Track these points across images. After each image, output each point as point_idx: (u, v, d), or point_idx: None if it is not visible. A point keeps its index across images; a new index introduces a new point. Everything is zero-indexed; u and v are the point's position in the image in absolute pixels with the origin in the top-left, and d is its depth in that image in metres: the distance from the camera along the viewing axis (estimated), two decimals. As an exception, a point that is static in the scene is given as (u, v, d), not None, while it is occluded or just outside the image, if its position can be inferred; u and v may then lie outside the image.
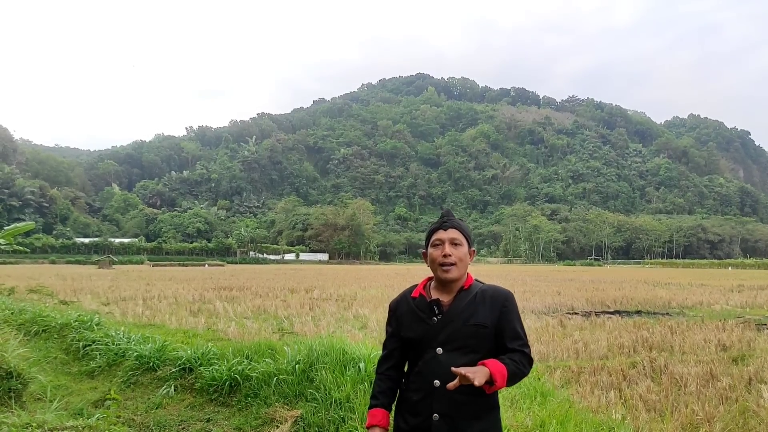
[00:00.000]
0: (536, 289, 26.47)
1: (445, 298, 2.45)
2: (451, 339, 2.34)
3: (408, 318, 2.49)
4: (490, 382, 2.18)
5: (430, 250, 2.51)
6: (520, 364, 2.30)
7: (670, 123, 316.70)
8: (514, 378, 2.28)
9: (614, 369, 8.16)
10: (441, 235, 2.48)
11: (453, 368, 2.16)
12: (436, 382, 2.32)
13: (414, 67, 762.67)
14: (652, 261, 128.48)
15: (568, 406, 5.19)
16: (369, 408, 2.55)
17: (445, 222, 2.50)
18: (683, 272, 64.75)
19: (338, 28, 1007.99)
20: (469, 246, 2.51)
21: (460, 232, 2.48)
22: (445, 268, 2.41)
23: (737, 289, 28.02)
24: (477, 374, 2.13)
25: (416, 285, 2.60)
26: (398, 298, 2.62)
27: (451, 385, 2.17)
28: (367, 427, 2.50)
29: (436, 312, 2.41)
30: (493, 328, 2.37)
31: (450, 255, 2.41)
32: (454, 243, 2.45)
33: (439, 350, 2.35)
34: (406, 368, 2.60)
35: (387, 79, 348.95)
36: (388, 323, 2.63)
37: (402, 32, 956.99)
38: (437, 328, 2.38)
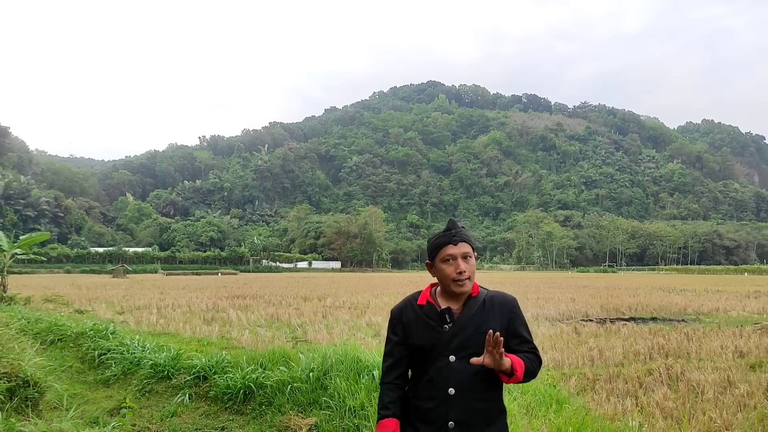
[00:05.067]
0: (550, 296, 26.33)
1: (455, 306, 2.45)
2: (464, 346, 2.34)
3: (416, 326, 2.47)
4: (511, 372, 2.24)
5: (442, 266, 2.45)
6: (533, 362, 2.36)
7: (683, 128, 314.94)
8: (528, 374, 2.33)
9: (630, 376, 8.10)
10: (452, 250, 2.43)
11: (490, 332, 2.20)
12: (451, 390, 2.32)
13: (424, 75, 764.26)
14: (667, 267, 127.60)
15: (584, 413, 5.16)
16: (379, 419, 2.48)
17: (455, 236, 2.45)
18: (698, 278, 64.16)
19: (347, 38, 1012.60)
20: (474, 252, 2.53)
21: (469, 243, 2.47)
22: (460, 282, 2.40)
23: (754, 295, 27.70)
24: (504, 356, 2.21)
25: (420, 291, 2.57)
26: (401, 304, 2.58)
27: (475, 360, 2.24)
28: None
29: (447, 320, 2.41)
30: (503, 334, 2.33)
31: (464, 271, 2.40)
32: (465, 257, 2.42)
33: (452, 358, 2.35)
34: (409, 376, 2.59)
35: (398, 87, 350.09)
36: (393, 332, 2.57)
37: (411, 41, 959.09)
38: (449, 335, 2.38)
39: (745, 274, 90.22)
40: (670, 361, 8.98)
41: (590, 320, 16.69)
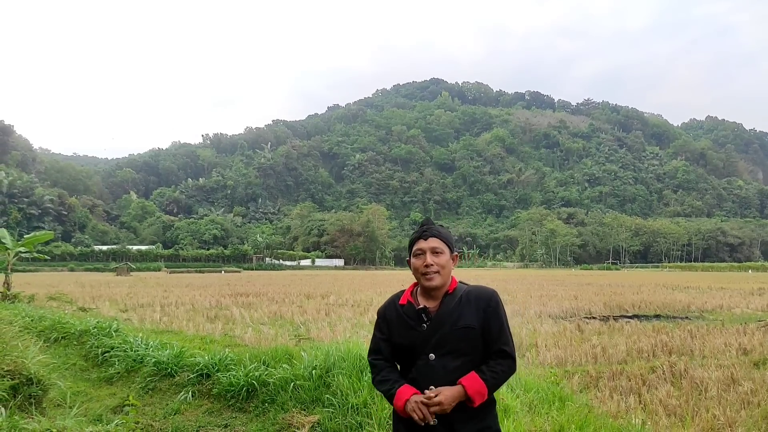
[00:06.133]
0: (553, 294, 26.31)
1: (432, 304, 2.51)
2: (442, 344, 2.40)
3: (397, 325, 2.54)
4: (469, 399, 2.32)
5: (412, 260, 2.57)
6: (500, 372, 2.40)
7: (687, 125, 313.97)
8: (495, 388, 2.40)
9: (633, 374, 8.09)
10: (422, 244, 2.53)
11: (424, 396, 2.32)
12: (431, 388, 2.36)
13: (427, 72, 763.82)
14: (671, 264, 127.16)
15: (587, 411, 5.15)
16: (397, 388, 2.42)
17: (425, 231, 2.56)
18: (702, 275, 64.07)
19: (350, 35, 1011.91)
20: (451, 252, 2.57)
21: (441, 240, 2.53)
22: (428, 276, 2.47)
23: (758, 292, 27.63)
24: (444, 406, 2.28)
25: (403, 291, 2.64)
26: (386, 303, 2.67)
27: (429, 393, 2.33)
28: (407, 400, 2.36)
29: (425, 319, 2.46)
30: (480, 329, 2.42)
31: (432, 264, 2.47)
32: (435, 252, 2.50)
33: (432, 356, 2.41)
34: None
35: (401, 84, 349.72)
36: (379, 330, 2.65)
37: (414, 38, 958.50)
38: (427, 334, 2.43)
39: (749, 271, 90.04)
40: (674, 359, 8.96)
41: (593, 318, 16.68)
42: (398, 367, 2.62)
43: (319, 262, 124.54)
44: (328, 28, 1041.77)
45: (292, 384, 5.58)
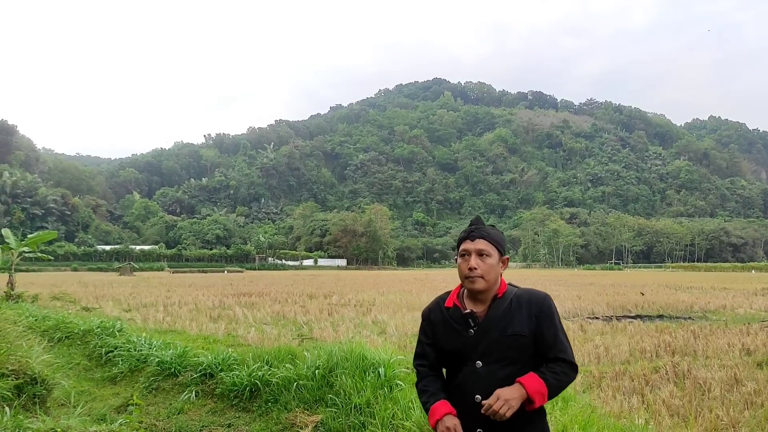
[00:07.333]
0: (556, 294, 26.24)
1: (480, 308, 2.37)
2: (490, 351, 2.27)
3: (442, 329, 2.42)
4: (529, 400, 2.17)
5: (459, 260, 2.42)
6: (561, 374, 2.27)
7: (690, 125, 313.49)
8: (556, 391, 2.24)
9: (636, 374, 8.07)
10: (468, 245, 2.38)
11: (483, 402, 2.18)
12: (478, 397, 2.25)
13: (429, 72, 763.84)
14: (674, 264, 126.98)
15: (590, 411, 5.14)
16: (432, 403, 2.36)
17: (473, 232, 2.39)
18: (705, 276, 63.96)
19: (352, 34, 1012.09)
20: (501, 254, 2.41)
21: (489, 242, 2.37)
22: (471, 279, 2.33)
23: (761, 292, 27.56)
24: (510, 402, 2.13)
25: (449, 293, 2.50)
26: (431, 305, 2.53)
27: (485, 409, 2.17)
28: (439, 420, 2.29)
29: (472, 324, 2.33)
30: (531, 336, 2.29)
31: (475, 268, 2.32)
32: (481, 254, 2.35)
33: (479, 363, 2.28)
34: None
35: (403, 84, 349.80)
36: (423, 333, 2.52)
37: (416, 37, 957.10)
38: (474, 340, 2.30)
39: (753, 271, 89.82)
40: (677, 359, 8.95)
41: (596, 318, 16.65)
42: (444, 372, 2.51)
43: (321, 262, 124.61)
44: (330, 28, 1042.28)
45: (295, 384, 5.58)
